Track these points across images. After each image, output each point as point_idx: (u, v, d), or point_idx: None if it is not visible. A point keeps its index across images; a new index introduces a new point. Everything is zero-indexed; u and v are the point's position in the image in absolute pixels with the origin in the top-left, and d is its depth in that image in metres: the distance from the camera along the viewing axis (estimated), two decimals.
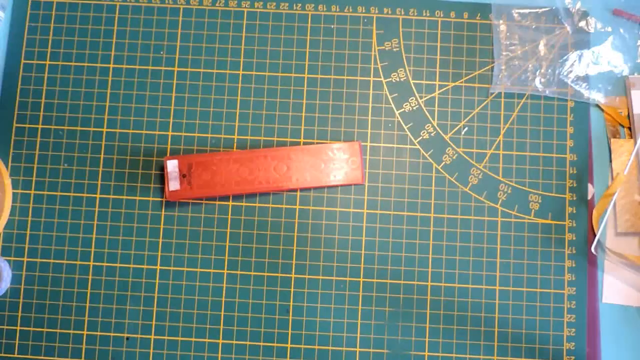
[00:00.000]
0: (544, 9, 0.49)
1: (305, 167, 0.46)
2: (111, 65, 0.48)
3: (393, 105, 0.48)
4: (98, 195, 0.47)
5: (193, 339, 0.46)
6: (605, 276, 0.46)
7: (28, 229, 0.47)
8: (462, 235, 0.47)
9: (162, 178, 0.47)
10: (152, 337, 0.46)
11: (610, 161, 0.47)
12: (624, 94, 0.48)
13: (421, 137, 0.48)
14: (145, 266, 0.46)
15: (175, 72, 0.48)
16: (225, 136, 0.48)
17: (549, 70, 0.48)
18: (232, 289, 0.46)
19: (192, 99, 0.48)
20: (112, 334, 0.46)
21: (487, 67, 0.49)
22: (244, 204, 0.47)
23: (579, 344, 0.46)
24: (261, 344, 0.46)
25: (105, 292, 0.46)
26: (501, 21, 0.49)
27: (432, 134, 0.48)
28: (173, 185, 0.45)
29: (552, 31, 0.49)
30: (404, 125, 0.48)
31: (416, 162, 0.47)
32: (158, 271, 0.46)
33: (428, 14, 0.49)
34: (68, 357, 0.46)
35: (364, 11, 0.49)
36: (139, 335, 0.46)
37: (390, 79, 0.48)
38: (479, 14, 0.49)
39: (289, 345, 0.46)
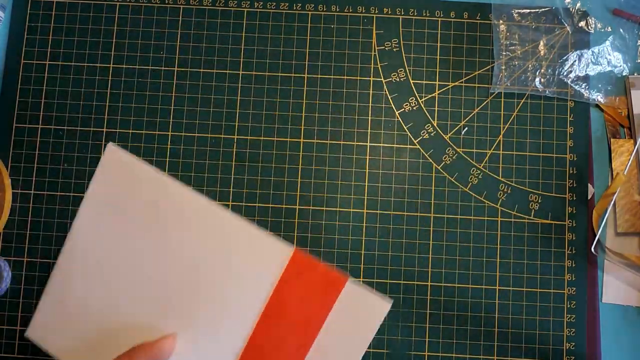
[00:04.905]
0: (544, 9, 0.49)
1: None
2: (111, 65, 0.48)
3: (393, 105, 0.48)
4: None
5: None
6: (605, 276, 0.46)
7: (28, 229, 0.47)
8: (462, 235, 0.47)
9: None
10: None
11: (610, 161, 0.47)
12: (624, 94, 0.48)
13: (421, 137, 0.48)
14: None
15: (175, 72, 0.48)
16: (225, 136, 0.48)
17: (549, 70, 0.48)
18: None
19: (192, 99, 0.48)
20: None
21: (487, 67, 0.49)
22: (243, 204, 0.47)
23: (579, 344, 0.46)
24: None
25: None
26: (501, 21, 0.49)
27: (432, 134, 0.48)
28: None
29: (552, 31, 0.49)
30: (404, 125, 0.48)
31: (416, 162, 0.47)
32: None
33: (428, 14, 0.49)
34: None
35: (364, 11, 0.49)
36: None
37: (390, 79, 0.48)
38: (479, 14, 0.49)
39: None
